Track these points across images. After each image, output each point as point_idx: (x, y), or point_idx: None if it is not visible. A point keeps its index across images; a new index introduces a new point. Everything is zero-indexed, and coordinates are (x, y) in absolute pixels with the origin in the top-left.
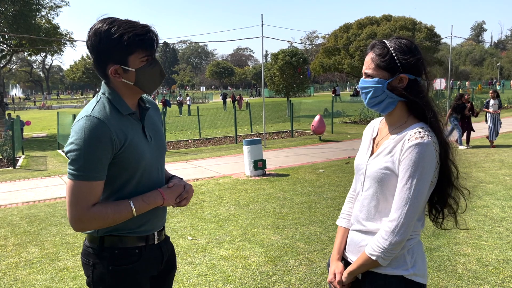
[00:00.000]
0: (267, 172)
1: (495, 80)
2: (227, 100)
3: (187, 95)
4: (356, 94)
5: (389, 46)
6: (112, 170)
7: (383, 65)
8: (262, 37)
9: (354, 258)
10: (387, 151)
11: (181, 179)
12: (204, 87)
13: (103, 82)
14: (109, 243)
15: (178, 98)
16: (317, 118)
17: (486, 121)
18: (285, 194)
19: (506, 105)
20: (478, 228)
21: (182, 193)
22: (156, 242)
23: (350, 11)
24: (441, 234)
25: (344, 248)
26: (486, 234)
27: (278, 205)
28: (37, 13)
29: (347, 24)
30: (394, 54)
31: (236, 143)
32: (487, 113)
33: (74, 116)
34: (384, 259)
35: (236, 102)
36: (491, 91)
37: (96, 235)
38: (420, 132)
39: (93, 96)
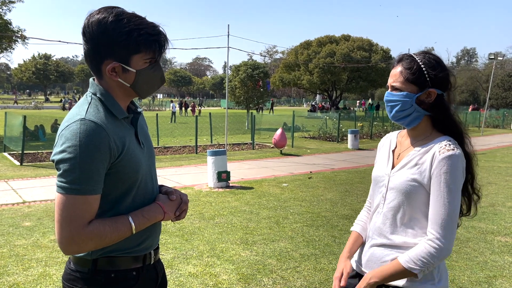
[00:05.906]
0: (230, 184)
1: None
2: (182, 108)
3: (171, 101)
4: (313, 110)
5: (418, 60)
6: (107, 182)
7: (412, 79)
8: (228, 47)
9: None
10: (413, 163)
11: (171, 188)
12: (161, 95)
13: (91, 80)
14: (103, 265)
15: None
16: (279, 131)
17: None
18: (251, 208)
19: None
20: None
21: (181, 204)
22: (152, 262)
23: (310, 29)
24: None
25: (360, 264)
26: (455, 254)
27: (244, 219)
28: None
29: (308, 41)
30: (423, 68)
31: (196, 153)
32: None
33: (25, 117)
34: (424, 273)
35: (188, 109)
36: None
37: (89, 258)
38: (450, 144)
39: (45, 97)
